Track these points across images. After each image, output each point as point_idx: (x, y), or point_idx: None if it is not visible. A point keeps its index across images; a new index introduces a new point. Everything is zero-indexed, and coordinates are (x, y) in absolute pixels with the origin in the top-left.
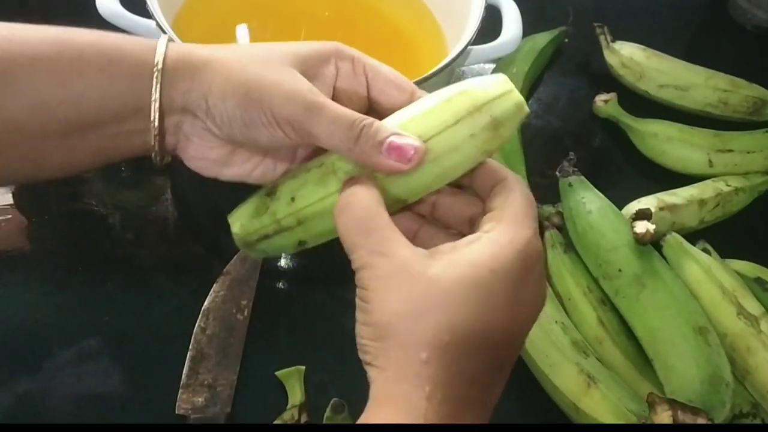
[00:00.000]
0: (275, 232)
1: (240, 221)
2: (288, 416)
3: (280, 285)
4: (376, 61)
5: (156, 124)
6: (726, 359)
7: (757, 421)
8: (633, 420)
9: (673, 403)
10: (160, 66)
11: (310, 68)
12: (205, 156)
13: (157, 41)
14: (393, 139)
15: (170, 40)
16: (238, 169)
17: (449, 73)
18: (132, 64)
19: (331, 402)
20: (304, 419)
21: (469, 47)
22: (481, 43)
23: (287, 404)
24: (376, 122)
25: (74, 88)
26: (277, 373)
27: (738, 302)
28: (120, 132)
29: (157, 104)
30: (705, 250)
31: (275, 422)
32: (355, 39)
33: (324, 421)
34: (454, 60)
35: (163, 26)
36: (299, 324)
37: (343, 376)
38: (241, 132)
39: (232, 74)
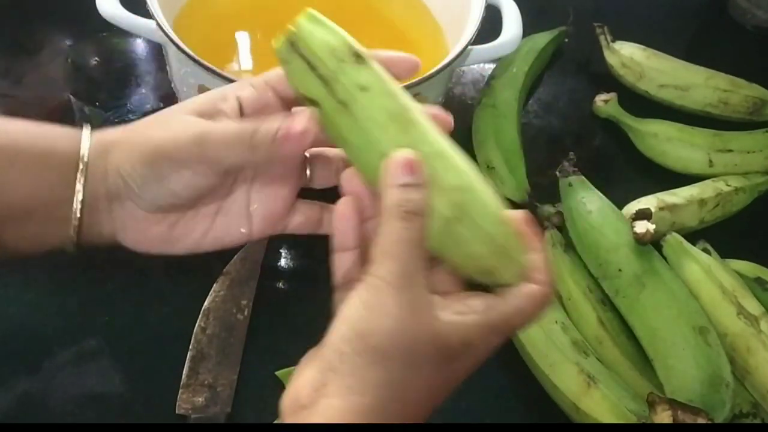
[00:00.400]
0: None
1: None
2: None
3: (281, 285)
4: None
5: (78, 215)
6: (726, 359)
7: (757, 421)
8: (633, 420)
9: (673, 403)
10: (86, 160)
11: (206, 109)
12: (146, 237)
13: (79, 135)
14: (283, 128)
15: (94, 130)
16: (186, 240)
17: (449, 73)
18: (62, 157)
19: None
20: None
21: (469, 47)
22: (481, 43)
23: None
24: (264, 122)
25: (7, 176)
26: (277, 372)
27: (738, 302)
28: (49, 219)
29: (81, 195)
30: (705, 250)
31: (275, 422)
32: (355, 38)
33: None
34: (454, 60)
35: (163, 27)
36: (299, 323)
37: None
38: (158, 191)
39: (134, 142)
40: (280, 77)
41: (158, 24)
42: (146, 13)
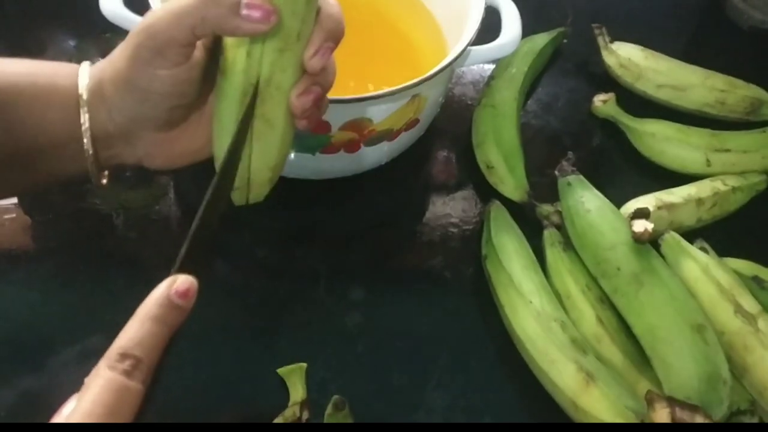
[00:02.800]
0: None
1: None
2: (289, 414)
3: (282, 283)
4: None
5: (90, 151)
6: (724, 357)
7: (755, 419)
8: (631, 417)
9: (672, 401)
10: (85, 97)
11: None
12: (174, 155)
13: (77, 70)
14: None
15: (92, 63)
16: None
17: (449, 73)
18: (63, 95)
19: (333, 399)
20: (305, 417)
21: (468, 48)
22: (480, 44)
23: (289, 402)
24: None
25: (9, 117)
26: (278, 370)
27: (735, 300)
28: (62, 156)
29: (89, 133)
30: (703, 249)
31: (277, 420)
32: (355, 39)
33: (325, 419)
34: (454, 61)
35: None
36: (300, 322)
37: (345, 373)
38: (153, 107)
39: (113, 75)
40: None
41: None
42: None
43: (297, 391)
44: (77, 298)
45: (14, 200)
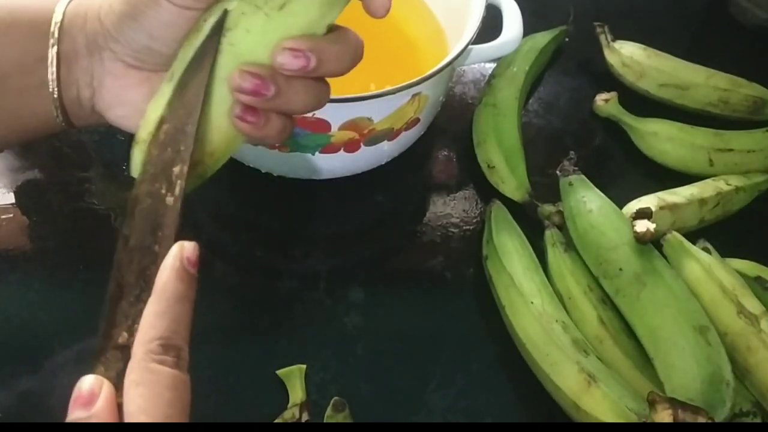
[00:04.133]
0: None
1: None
2: (289, 415)
3: (281, 284)
4: None
5: (54, 68)
6: (726, 358)
7: (758, 420)
8: (633, 418)
9: (674, 402)
10: (61, 12)
11: None
12: (125, 99)
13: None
14: None
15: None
16: None
17: (450, 72)
18: (33, 19)
19: (332, 400)
20: (305, 418)
21: (469, 46)
22: (481, 43)
23: (288, 403)
24: None
25: None
26: (278, 371)
27: (738, 301)
28: (25, 87)
29: (55, 49)
30: (705, 249)
31: (276, 421)
32: None
33: (325, 420)
34: (455, 59)
35: None
36: (300, 323)
37: (345, 374)
38: (134, 30)
39: None
40: None
41: None
42: None
43: (296, 393)
44: (75, 298)
45: (12, 200)
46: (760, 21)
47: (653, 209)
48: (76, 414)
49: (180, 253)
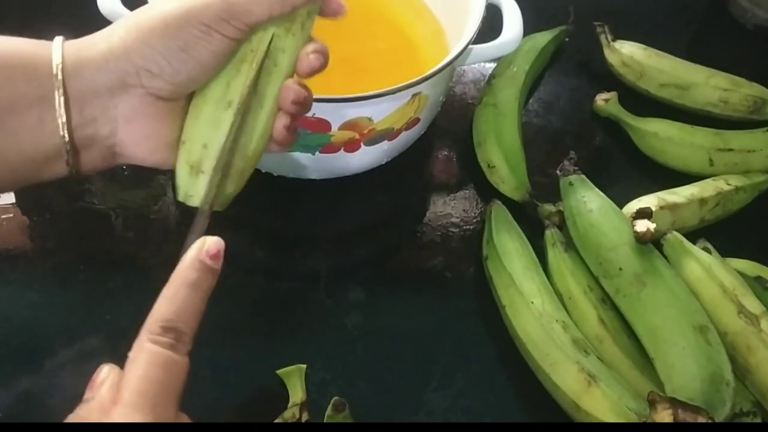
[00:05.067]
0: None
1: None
2: (289, 415)
3: (281, 284)
4: None
5: (62, 110)
6: (726, 358)
7: (758, 420)
8: (633, 418)
9: (674, 402)
10: (59, 52)
11: None
12: (150, 135)
13: (51, 43)
14: None
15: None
16: None
17: (450, 72)
18: (26, 62)
19: (332, 400)
20: (305, 418)
21: (470, 46)
22: (482, 42)
23: (288, 403)
24: None
25: None
26: (278, 371)
27: (738, 301)
28: (15, 128)
29: (62, 90)
30: (705, 249)
31: (276, 421)
32: (356, 38)
33: (325, 420)
34: (455, 59)
35: None
36: (300, 322)
37: (345, 374)
38: (183, 63)
39: (140, 24)
40: None
41: None
42: None
43: (297, 393)
44: (76, 298)
45: (12, 200)
46: (760, 21)
47: (653, 209)
48: (87, 395)
49: (202, 245)
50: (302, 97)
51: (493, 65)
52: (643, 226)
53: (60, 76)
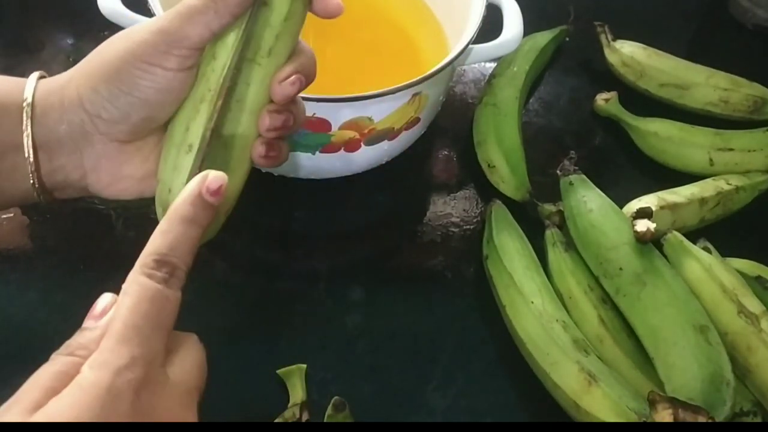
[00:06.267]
0: None
1: None
2: (289, 414)
3: (282, 284)
4: None
5: (31, 159)
6: (727, 358)
7: (758, 420)
8: (634, 418)
9: (674, 402)
10: (29, 101)
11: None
12: (120, 176)
13: (26, 80)
14: None
15: (42, 76)
16: None
17: (450, 72)
18: (1, 104)
19: (333, 400)
20: (305, 417)
21: (470, 46)
22: (482, 42)
23: (288, 402)
24: None
25: None
26: (278, 371)
27: (738, 301)
28: (3, 171)
29: (30, 139)
30: (705, 249)
31: (276, 420)
32: (356, 38)
33: (325, 420)
34: (455, 59)
35: None
36: (300, 322)
37: (345, 374)
38: (130, 105)
39: (91, 67)
40: None
41: None
42: (148, 12)
43: (297, 392)
44: (75, 298)
45: None
46: (760, 20)
47: (653, 209)
48: (86, 323)
49: (203, 180)
50: (278, 124)
51: (493, 65)
52: (643, 225)
53: (29, 129)
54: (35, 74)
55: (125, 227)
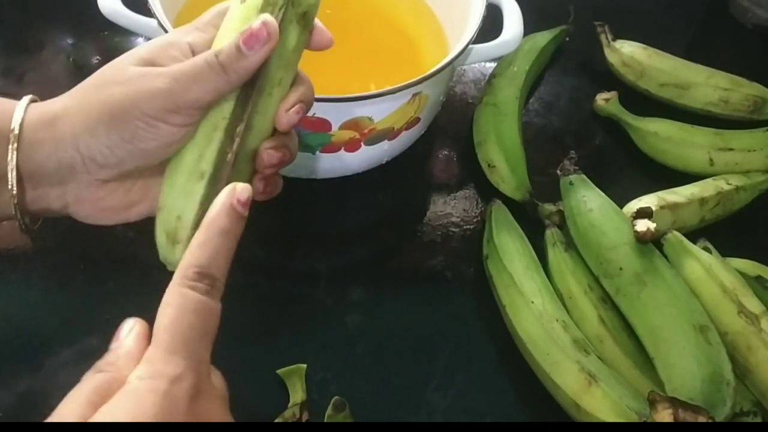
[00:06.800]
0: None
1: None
2: (289, 414)
3: (281, 283)
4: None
5: (15, 191)
6: (727, 357)
7: (758, 420)
8: (634, 418)
9: (674, 402)
10: (16, 131)
11: (156, 57)
12: (102, 208)
13: (16, 105)
14: (242, 35)
15: (33, 100)
16: (142, 204)
17: (450, 72)
18: None
19: (333, 400)
20: (305, 417)
21: (470, 46)
22: (482, 42)
23: (288, 402)
24: (221, 44)
25: None
26: (278, 371)
27: (739, 300)
28: None
29: (14, 172)
30: (705, 249)
31: (276, 420)
32: (356, 37)
33: (325, 420)
34: (455, 59)
35: (164, 25)
36: (300, 322)
37: (345, 374)
38: (129, 153)
39: (89, 109)
40: (220, 13)
41: (159, 23)
42: (148, 12)
43: (297, 392)
44: (75, 298)
45: None
46: (760, 20)
47: (654, 209)
48: (112, 346)
49: (232, 192)
50: (275, 162)
51: (493, 65)
52: (643, 225)
53: (14, 162)
54: (24, 101)
55: (125, 227)
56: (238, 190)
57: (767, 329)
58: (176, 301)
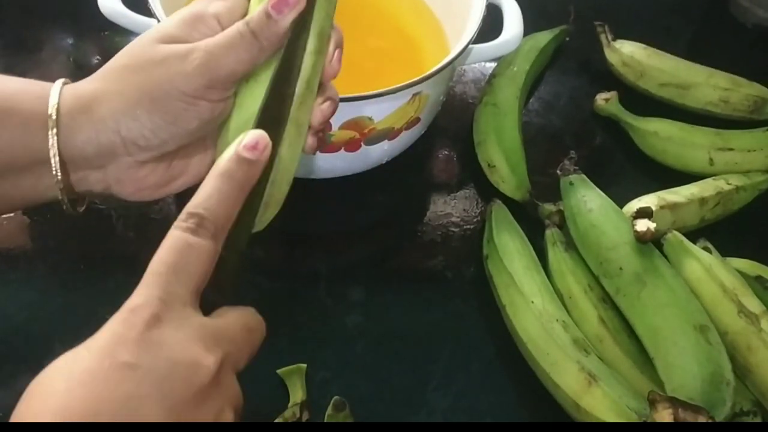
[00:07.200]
0: None
1: None
2: (289, 414)
3: (282, 283)
4: None
5: (59, 177)
6: (727, 357)
7: (758, 420)
8: (634, 418)
9: (674, 401)
10: (54, 116)
11: (184, 33)
12: (144, 185)
13: (50, 87)
14: (270, 0)
15: (65, 82)
16: (185, 176)
17: (451, 72)
18: (24, 117)
19: (333, 400)
20: (305, 417)
21: (470, 46)
22: (482, 42)
23: (289, 402)
24: (250, 11)
25: None
26: (278, 371)
27: (739, 300)
28: (24, 184)
29: (57, 157)
30: (706, 249)
31: (276, 420)
32: (356, 37)
33: (325, 419)
34: (455, 59)
35: None
36: (301, 322)
37: (345, 374)
38: (171, 134)
39: (127, 93)
40: None
41: (159, 23)
42: (148, 12)
43: (297, 392)
44: (76, 297)
45: None
46: (760, 20)
47: (653, 208)
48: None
49: (239, 141)
50: (329, 114)
51: (493, 65)
52: (643, 225)
53: (56, 148)
54: (59, 84)
55: (125, 227)
56: (247, 138)
57: (767, 329)
58: (164, 242)
